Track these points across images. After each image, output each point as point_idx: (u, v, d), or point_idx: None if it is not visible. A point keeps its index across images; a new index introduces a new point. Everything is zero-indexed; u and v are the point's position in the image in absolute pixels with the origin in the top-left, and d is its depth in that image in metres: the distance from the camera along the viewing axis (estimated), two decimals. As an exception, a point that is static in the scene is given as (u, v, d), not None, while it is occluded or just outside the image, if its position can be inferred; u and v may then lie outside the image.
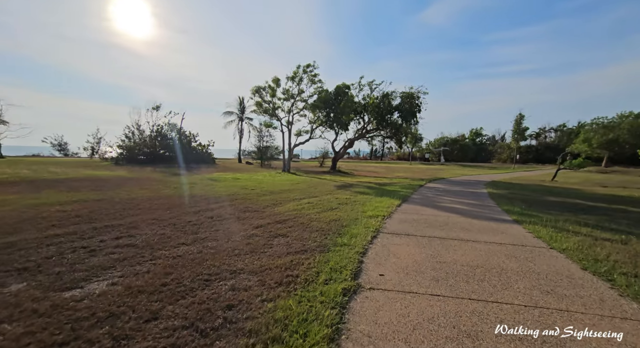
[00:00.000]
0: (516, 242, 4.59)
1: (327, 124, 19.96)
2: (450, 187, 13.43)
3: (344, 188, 12.16)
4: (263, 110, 19.73)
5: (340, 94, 19.19)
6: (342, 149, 24.30)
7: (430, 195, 10.61)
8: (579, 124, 68.38)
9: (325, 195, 9.95)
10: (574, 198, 10.38)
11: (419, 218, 6.30)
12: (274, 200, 8.77)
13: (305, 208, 7.54)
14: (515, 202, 8.88)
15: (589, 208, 8.32)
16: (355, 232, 5.01)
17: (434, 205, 8.29)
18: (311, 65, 18.54)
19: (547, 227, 5.47)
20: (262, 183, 13.31)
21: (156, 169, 20.85)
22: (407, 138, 25.06)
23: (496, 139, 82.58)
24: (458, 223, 5.92)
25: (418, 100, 19.91)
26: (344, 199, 9.04)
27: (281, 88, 19.29)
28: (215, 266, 3.53)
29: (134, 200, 8.17)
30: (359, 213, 6.79)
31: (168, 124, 31.28)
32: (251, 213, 6.81)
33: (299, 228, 5.47)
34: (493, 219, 6.39)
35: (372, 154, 77.26)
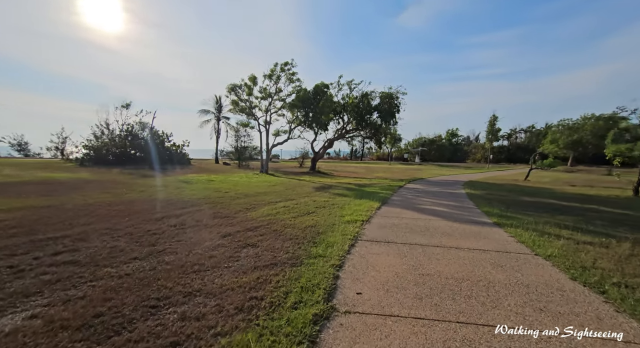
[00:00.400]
0: (500, 248, 4.37)
1: (305, 124, 19.51)
2: (429, 188, 13.39)
3: (323, 190, 11.78)
4: (239, 109, 18.99)
5: (319, 93, 18.81)
6: (321, 149, 23.95)
7: (410, 196, 10.44)
8: (546, 125, 71.92)
9: (302, 198, 9.53)
10: (548, 198, 10.55)
11: (399, 223, 6.02)
12: (247, 204, 8.24)
13: (281, 212, 7.08)
14: (494, 203, 8.84)
15: (564, 209, 8.39)
16: (331, 240, 4.62)
17: (414, 207, 8.07)
18: (289, 63, 18.01)
19: (528, 231, 5.33)
20: (237, 186, 12.69)
21: (124, 171, 19.62)
22: (386, 138, 25.10)
23: (471, 140, 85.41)
24: (439, 227, 5.68)
25: (397, 101, 19.91)
26: (322, 202, 8.66)
27: (258, 86, 18.66)
28: (168, 287, 3.02)
29: (89, 206, 7.39)
30: (336, 218, 6.42)
31: (139, 123, 29.76)
32: (221, 220, 6.27)
33: (271, 236, 5.02)
34: (474, 222, 6.22)
35: (352, 154, 77.59)
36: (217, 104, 37.29)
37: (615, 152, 11.50)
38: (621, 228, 6.11)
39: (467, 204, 8.72)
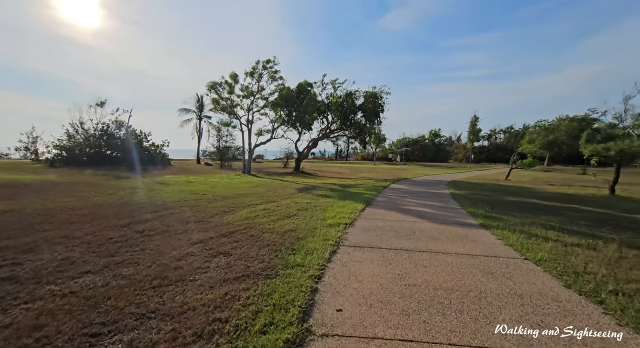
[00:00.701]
0: (488, 252, 4.16)
1: (289, 124, 19.08)
2: (413, 188, 13.28)
3: (306, 192, 11.43)
4: (221, 108, 18.36)
5: (302, 92, 18.43)
6: (305, 149, 23.59)
7: (395, 197, 10.25)
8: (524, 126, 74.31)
9: (284, 200, 9.15)
10: (530, 198, 10.60)
11: (384, 226, 5.75)
12: (225, 207, 7.79)
13: (260, 216, 6.69)
14: (478, 203, 8.75)
15: (547, 209, 8.39)
16: (312, 246, 4.28)
17: (399, 209, 7.85)
18: (271, 61, 17.54)
19: (515, 233, 5.17)
20: (217, 188, 12.15)
21: (98, 172, 18.62)
22: (371, 138, 25.02)
23: (453, 140, 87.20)
24: (425, 230, 5.44)
25: (381, 100, 19.80)
26: (304, 204, 8.31)
27: (240, 84, 18.09)
28: (118, 308, 2.60)
29: (50, 211, 6.75)
30: (318, 221, 6.09)
31: (116, 122, 28.51)
32: (194, 225, 5.82)
33: (248, 243, 4.63)
34: (460, 224, 6.03)
35: (338, 154, 77.62)
36: (198, 103, 36.25)
37: (593, 152, 11.72)
38: (605, 228, 6.07)
39: (452, 205, 8.59)
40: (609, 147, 11.43)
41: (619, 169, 11.70)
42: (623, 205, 9.71)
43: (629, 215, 7.87)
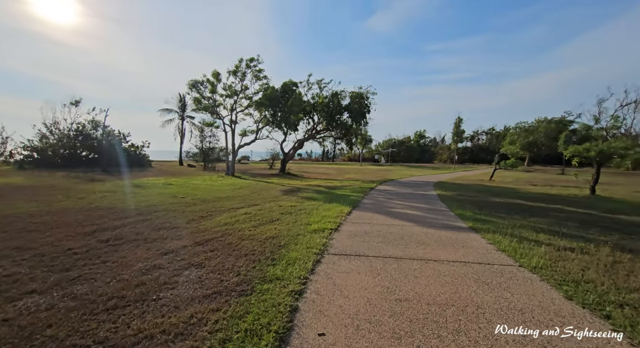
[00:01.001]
0: (481, 259, 3.93)
1: (274, 124, 18.61)
2: (400, 190, 13.13)
3: (291, 194, 11.06)
4: (202, 108, 17.71)
5: (287, 92, 18.01)
6: (291, 150, 23.16)
7: (382, 199, 10.03)
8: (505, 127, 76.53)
9: (267, 203, 8.75)
10: (515, 199, 10.61)
11: (371, 230, 5.47)
12: (204, 211, 7.34)
13: (240, 221, 6.28)
14: (466, 204, 8.63)
15: (533, 210, 8.35)
16: (294, 255, 3.94)
17: (386, 211, 7.60)
18: (255, 60, 17.04)
19: (505, 236, 4.99)
20: (198, 190, 11.61)
21: (71, 174, 17.61)
22: (357, 139, 24.87)
23: (437, 141, 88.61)
24: (414, 235, 5.19)
25: (367, 101, 19.65)
26: (288, 207, 7.94)
27: (222, 83, 17.49)
28: (58, 339, 2.18)
29: (5, 218, 6.12)
30: (302, 226, 5.74)
31: (91, 122, 27.26)
32: (168, 232, 5.37)
33: (224, 252, 4.24)
34: (449, 227, 5.82)
35: (324, 155, 77.38)
36: (180, 103, 35.20)
37: (574, 152, 11.89)
38: (592, 229, 6.01)
39: (439, 207, 8.43)
40: (589, 147, 11.61)
41: (599, 169, 11.92)
42: (604, 205, 9.83)
43: (612, 215, 7.91)
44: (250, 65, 17.13)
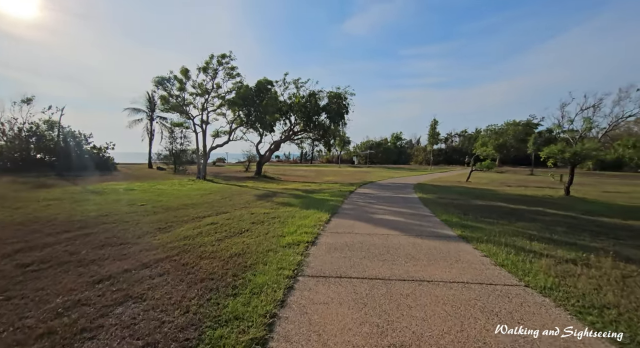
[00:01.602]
0: (481, 277, 3.40)
1: (248, 124, 17.67)
2: (381, 193, 12.69)
3: (266, 199, 10.28)
4: (170, 107, 16.46)
5: (262, 91, 17.13)
6: (267, 152, 22.24)
7: (362, 203, 9.49)
8: (476, 130, 79.64)
9: (238, 210, 7.94)
10: (496, 201, 10.44)
11: (353, 242, 4.85)
12: (164, 221, 6.43)
13: (204, 233, 5.47)
14: (449, 209, 8.26)
15: (516, 213, 8.11)
16: (261, 280, 3.22)
17: (368, 218, 7.04)
18: (227, 56, 16.01)
19: (499, 247, 4.54)
20: (162, 196, 10.54)
21: (19, 179, 15.80)
22: (335, 140, 24.36)
23: (413, 143, 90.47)
24: (401, 246, 4.63)
25: (345, 101, 19.19)
26: (261, 215, 7.19)
27: (192, 81, 16.33)
28: None
29: None
30: (275, 238, 5.03)
31: (47, 122, 25.02)
32: (111, 250, 4.47)
33: (176, 277, 3.45)
34: (437, 236, 5.32)
35: (302, 157, 76.65)
36: (149, 102, 33.23)
37: (549, 154, 11.97)
38: (582, 234, 5.74)
39: (423, 211, 7.98)
40: (564, 149, 11.72)
41: (573, 170, 12.10)
42: (582, 206, 9.85)
43: (593, 218, 7.80)
44: (222, 62, 16.11)
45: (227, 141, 18.46)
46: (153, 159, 33.26)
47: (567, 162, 11.99)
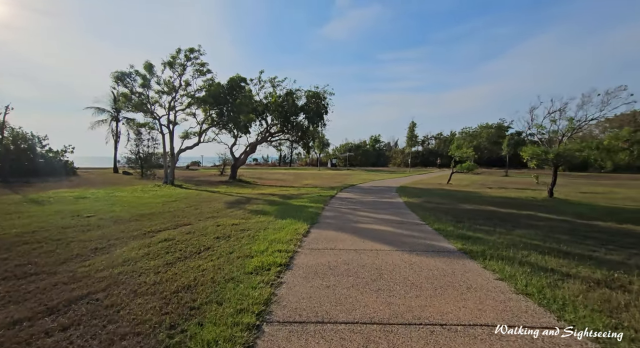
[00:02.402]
0: (508, 316, 2.58)
1: (220, 125, 16.41)
2: (363, 197, 11.91)
3: (237, 206, 9.19)
4: (132, 105, 14.91)
5: (235, 89, 15.92)
6: (242, 154, 20.93)
7: (345, 210, 8.63)
8: (451, 133, 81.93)
9: (203, 221, 6.85)
10: (484, 205, 9.94)
11: (337, 263, 3.94)
12: (106, 238, 5.25)
13: (152, 254, 4.38)
14: (439, 215, 7.58)
15: (510, 219, 7.55)
16: (209, 336, 2.23)
17: (352, 228, 6.17)
18: (196, 50, 14.69)
19: (509, 264, 3.80)
20: (117, 205, 9.19)
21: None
22: (314, 142, 23.48)
23: (391, 145, 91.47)
24: (396, 268, 3.77)
25: (324, 101, 18.37)
26: (228, 227, 6.15)
27: (157, 77, 14.87)
28: None
29: None
30: (240, 260, 4.03)
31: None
32: (12, 285, 3.31)
33: (87, 332, 2.39)
34: (435, 251, 4.53)
35: (281, 159, 75.21)
36: (114, 101, 30.91)
37: (532, 154, 11.71)
38: (587, 242, 5.17)
39: (412, 218, 7.23)
40: (547, 150, 11.49)
41: (556, 171, 11.92)
42: (569, 209, 9.54)
43: (587, 221, 7.37)
44: (191, 57, 14.77)
45: (197, 143, 17.04)
46: (121, 163, 30.90)
47: (550, 163, 11.78)
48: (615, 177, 32.68)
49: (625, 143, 11.19)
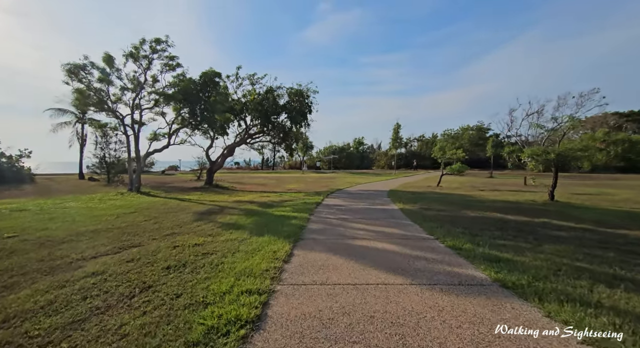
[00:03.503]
0: None
1: (192, 125, 14.81)
2: (354, 203, 10.71)
3: (207, 218, 7.75)
4: (90, 104, 13.09)
5: (208, 84, 14.35)
6: (219, 157, 19.27)
7: (335, 220, 7.39)
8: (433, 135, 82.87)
9: (159, 240, 5.41)
10: (487, 211, 8.94)
11: (333, 312, 2.67)
12: (8, 273, 3.74)
13: (60, 302, 2.97)
14: (446, 225, 6.46)
15: (526, 229, 6.54)
16: None
17: (347, 247, 4.91)
18: (163, 41, 12.99)
19: (582, 309, 2.67)
20: (58, 219, 7.55)
21: None
22: (297, 144, 22.13)
23: (375, 148, 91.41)
24: (421, 320, 2.54)
25: (308, 99, 17.10)
26: (187, 250, 4.75)
27: (119, 71, 13.12)
28: None
29: None
30: (187, 314, 2.68)
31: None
32: None
33: None
34: (464, 284, 3.34)
35: (264, 163, 73.24)
36: (79, 102, 28.38)
37: (532, 154, 10.92)
38: (636, 262, 4.16)
39: (416, 231, 6.06)
40: (548, 150, 10.73)
41: (557, 173, 11.18)
42: (580, 213, 8.70)
43: (612, 230, 6.44)
44: (157, 49, 13.13)
45: (167, 145, 15.28)
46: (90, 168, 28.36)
47: (551, 164, 11.04)
48: (595, 177, 33.16)
49: (602, 144, 10.69)
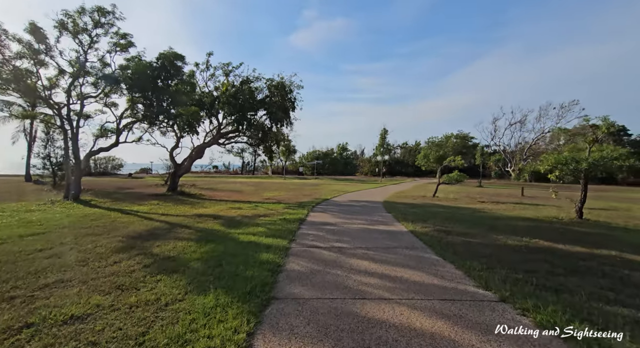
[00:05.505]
0: None
1: (147, 119, 12.12)
2: (347, 221, 8.43)
3: (140, 246, 5.23)
4: (12, 88, 10.20)
5: (168, 69, 11.70)
6: (186, 160, 16.49)
7: (327, 255, 5.09)
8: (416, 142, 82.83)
9: (9, 309, 2.88)
10: (526, 236, 6.93)
11: None
12: None
13: None
14: (494, 265, 4.32)
15: (583, 267, 4.51)
16: None
17: (354, 322, 2.63)
18: (109, 12, 10.29)
19: None
20: None
21: None
22: (279, 146, 19.66)
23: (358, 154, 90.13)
24: None
25: (291, 94, 14.82)
26: (59, 340, 2.29)
27: (50, 46, 10.34)
28: None
29: None
30: None
31: None
32: None
33: None
34: None
35: (244, 167, 69.87)
36: (28, 93, 24.74)
37: (557, 162, 9.13)
38: None
39: (456, 279, 3.85)
40: (578, 158, 8.97)
41: (586, 186, 9.45)
42: (630, 238, 6.86)
43: None
44: (102, 23, 10.46)
45: (115, 144, 12.43)
46: (39, 169, 24.58)
47: (580, 174, 9.30)
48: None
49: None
